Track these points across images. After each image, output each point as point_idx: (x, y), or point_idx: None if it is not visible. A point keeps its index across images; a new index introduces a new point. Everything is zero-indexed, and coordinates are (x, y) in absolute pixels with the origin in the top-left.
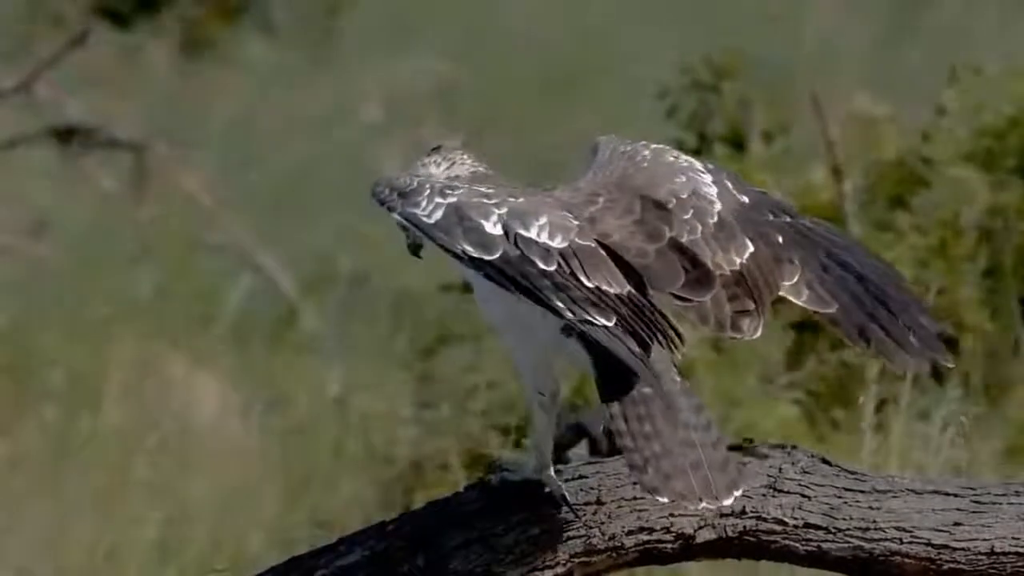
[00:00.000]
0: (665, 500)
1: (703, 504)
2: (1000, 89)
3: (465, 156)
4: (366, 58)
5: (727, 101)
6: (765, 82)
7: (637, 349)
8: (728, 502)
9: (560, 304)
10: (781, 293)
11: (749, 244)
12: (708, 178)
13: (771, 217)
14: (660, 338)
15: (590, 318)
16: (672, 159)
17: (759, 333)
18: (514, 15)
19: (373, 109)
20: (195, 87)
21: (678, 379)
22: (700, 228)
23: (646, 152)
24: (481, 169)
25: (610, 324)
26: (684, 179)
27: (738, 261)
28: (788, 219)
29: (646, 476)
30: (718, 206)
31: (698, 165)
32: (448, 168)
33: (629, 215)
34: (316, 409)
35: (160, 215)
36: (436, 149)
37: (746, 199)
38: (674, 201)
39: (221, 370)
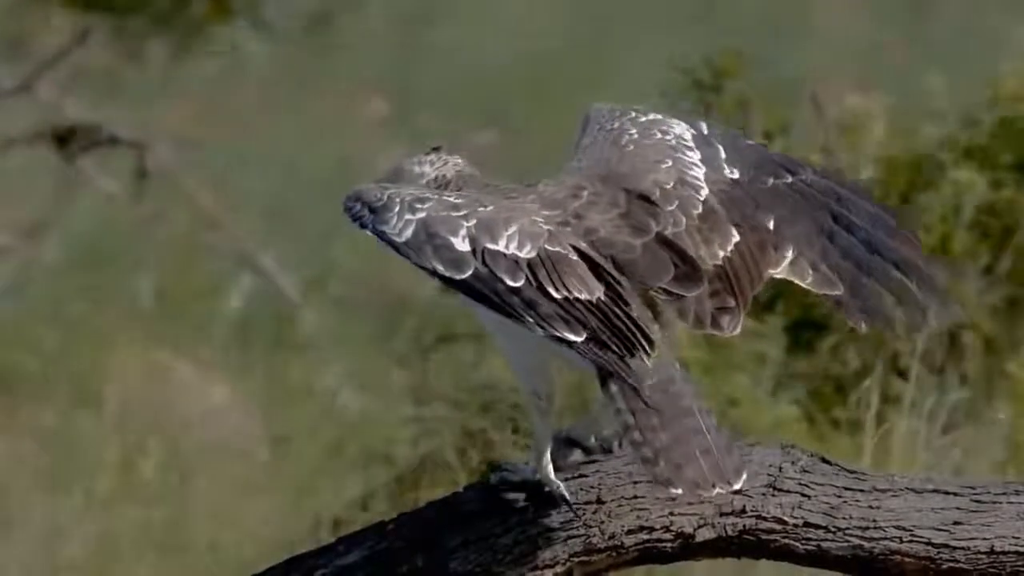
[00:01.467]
0: (679, 491)
1: (716, 490)
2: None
3: (458, 158)
4: (370, 57)
5: (726, 101)
6: (765, 82)
7: (611, 355)
8: (739, 485)
9: (530, 320)
10: (784, 276)
11: (734, 233)
12: (696, 156)
13: (771, 181)
14: (629, 349)
15: (559, 334)
16: (659, 136)
17: (739, 330)
18: (513, 15)
19: (378, 107)
20: (195, 87)
21: (678, 365)
22: (684, 220)
23: (632, 131)
24: (467, 171)
25: (579, 340)
26: (669, 163)
27: (721, 254)
28: (790, 178)
29: (658, 468)
30: (704, 192)
31: (687, 138)
32: (440, 167)
33: (614, 208)
34: (316, 409)
35: (161, 215)
36: (436, 149)
37: (737, 174)
38: (658, 192)
39: (222, 370)
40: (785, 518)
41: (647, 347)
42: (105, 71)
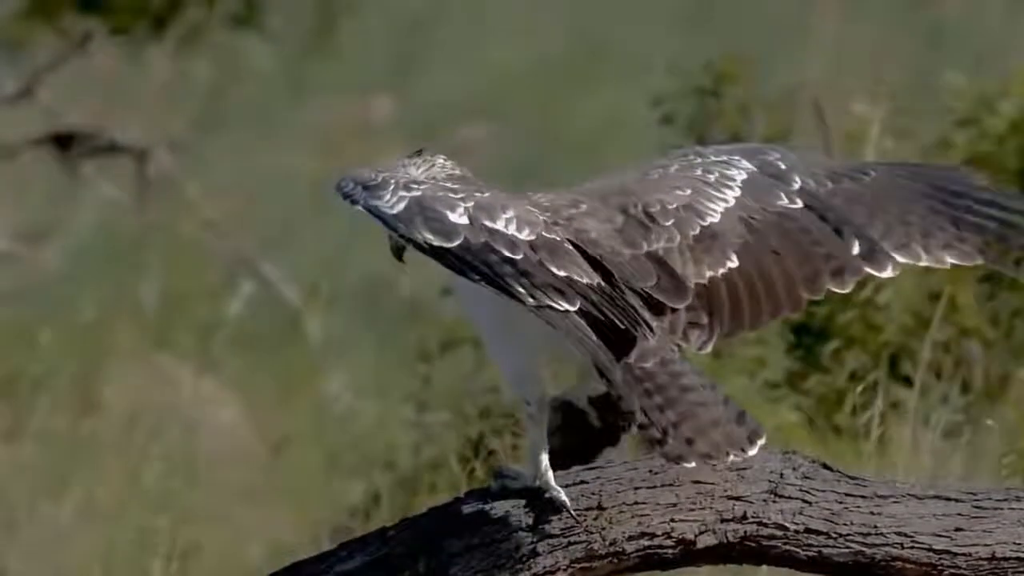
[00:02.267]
0: (692, 465)
1: (731, 457)
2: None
3: (446, 161)
4: (371, 61)
5: (727, 106)
6: (767, 87)
7: (595, 338)
8: (754, 451)
9: (521, 290)
10: (926, 264)
11: (732, 259)
12: (730, 194)
13: (871, 173)
14: (631, 324)
15: (552, 303)
16: (699, 172)
17: (708, 348)
18: (514, 17)
19: (380, 110)
20: (197, 92)
21: (675, 348)
22: (678, 237)
23: (672, 167)
24: (458, 173)
25: (573, 309)
26: (687, 192)
27: (708, 275)
28: (873, 173)
29: (667, 447)
30: (710, 219)
31: (736, 179)
32: (427, 170)
33: (608, 223)
34: (318, 415)
35: (162, 221)
36: (418, 152)
37: (800, 203)
38: (658, 207)
39: (224, 376)
40: (786, 524)
41: (648, 328)
42: (105, 76)
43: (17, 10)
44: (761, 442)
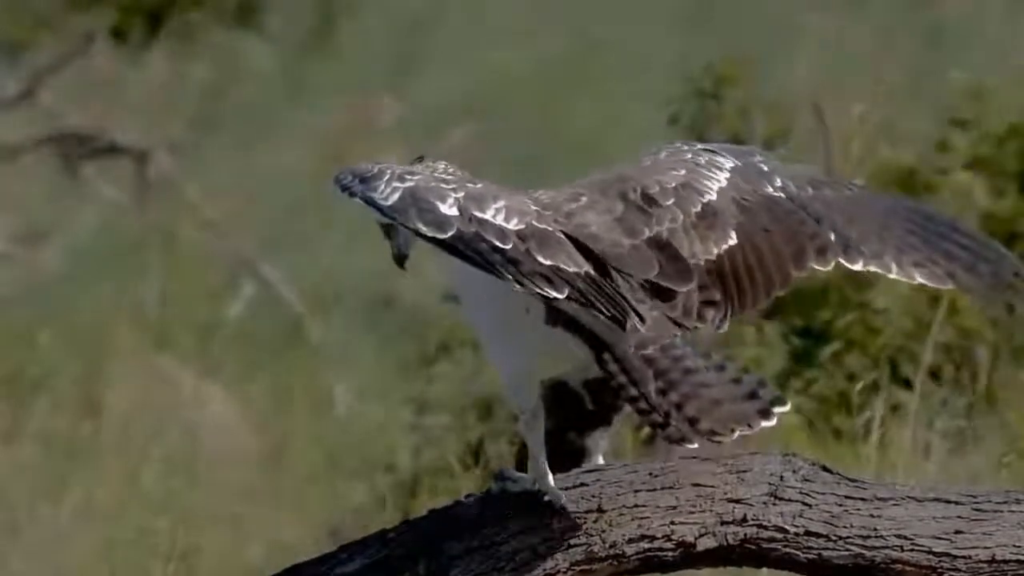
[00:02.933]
0: (695, 445)
1: (736, 433)
2: (1004, 96)
3: (447, 167)
4: (374, 62)
5: (728, 108)
6: (766, 87)
7: (603, 315)
8: (771, 423)
9: (509, 277)
10: (895, 276)
11: (732, 236)
12: (722, 175)
13: (847, 192)
14: (619, 313)
15: (540, 290)
16: (689, 157)
17: (725, 327)
18: (514, 17)
19: (380, 111)
20: (196, 93)
21: (677, 332)
22: (681, 216)
23: (662, 154)
24: (459, 175)
25: (561, 296)
26: (682, 172)
27: (715, 251)
28: (854, 189)
29: (669, 430)
30: (709, 196)
31: (726, 166)
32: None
33: (608, 214)
34: (318, 417)
35: (163, 222)
36: (419, 158)
37: (783, 195)
38: (657, 188)
39: (224, 378)
40: (786, 527)
41: (639, 314)
42: (106, 78)
43: (17, 12)
44: (782, 409)
